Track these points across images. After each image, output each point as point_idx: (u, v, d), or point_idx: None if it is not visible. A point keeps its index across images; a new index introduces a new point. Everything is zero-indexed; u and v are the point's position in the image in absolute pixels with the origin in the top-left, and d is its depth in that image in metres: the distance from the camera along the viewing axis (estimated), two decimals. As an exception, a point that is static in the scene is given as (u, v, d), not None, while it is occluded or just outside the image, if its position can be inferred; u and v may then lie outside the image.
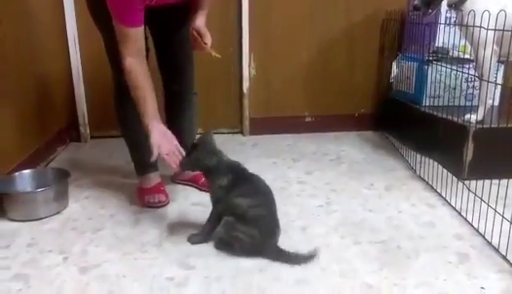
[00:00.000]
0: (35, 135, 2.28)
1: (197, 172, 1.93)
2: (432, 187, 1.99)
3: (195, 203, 1.88)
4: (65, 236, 1.64)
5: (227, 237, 1.48)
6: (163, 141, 1.57)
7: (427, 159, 2.14)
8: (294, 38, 2.70)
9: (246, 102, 2.73)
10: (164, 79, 1.94)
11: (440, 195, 1.92)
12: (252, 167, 1.58)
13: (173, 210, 1.83)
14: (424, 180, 2.06)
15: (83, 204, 1.89)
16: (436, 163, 2.10)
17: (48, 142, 2.39)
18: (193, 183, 2.02)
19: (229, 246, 1.49)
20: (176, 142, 1.60)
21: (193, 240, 1.57)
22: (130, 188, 1.99)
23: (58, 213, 1.79)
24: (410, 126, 2.45)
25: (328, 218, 1.75)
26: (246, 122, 2.75)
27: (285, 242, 1.53)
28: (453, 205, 1.81)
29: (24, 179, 1.89)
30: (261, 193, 1.49)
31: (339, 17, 2.70)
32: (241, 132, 2.78)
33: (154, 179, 1.92)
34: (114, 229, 1.69)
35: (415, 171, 2.17)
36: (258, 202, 1.46)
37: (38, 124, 2.31)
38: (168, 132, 1.62)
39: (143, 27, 1.60)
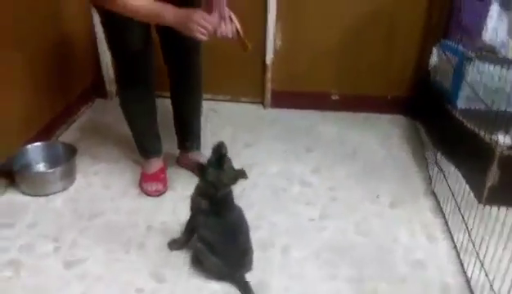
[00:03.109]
0: (60, 96, 2.36)
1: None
2: (441, 210, 1.86)
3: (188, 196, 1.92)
4: (63, 220, 1.76)
5: (197, 259, 1.52)
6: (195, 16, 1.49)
7: (450, 168, 1.98)
8: (327, 10, 2.45)
9: (269, 74, 2.59)
10: (169, 69, 1.88)
11: (446, 223, 1.79)
12: (261, 154, 1.54)
13: (170, 200, 1.88)
14: (437, 199, 1.93)
15: (89, 181, 1.99)
16: (457, 176, 1.94)
17: (73, 101, 2.47)
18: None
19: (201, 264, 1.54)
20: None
21: (172, 247, 1.62)
22: (139, 164, 2.04)
23: (64, 190, 1.92)
24: (440, 125, 2.23)
25: (315, 237, 1.72)
26: (268, 95, 2.65)
27: (259, 264, 1.55)
28: (455, 241, 1.69)
29: (36, 152, 2.01)
30: (230, 232, 1.47)
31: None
32: (262, 104, 2.70)
33: (155, 164, 1.97)
34: (109, 217, 1.78)
35: (430, 182, 2.03)
36: (226, 240, 1.46)
37: (62, 84, 2.38)
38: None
39: None
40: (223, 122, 2.52)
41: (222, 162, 1.42)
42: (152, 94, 1.89)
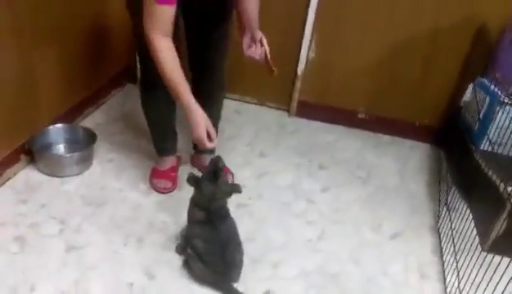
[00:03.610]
0: (93, 77, 2.46)
1: None
2: (441, 249, 1.82)
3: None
4: (72, 204, 1.85)
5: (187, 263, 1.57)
6: (201, 126, 1.54)
7: (461, 205, 1.93)
8: (365, 29, 2.42)
9: (298, 84, 2.59)
10: (193, 76, 1.91)
11: (443, 265, 1.76)
12: (274, 164, 1.59)
13: (176, 199, 1.93)
14: (439, 238, 1.88)
15: (103, 168, 2.08)
16: (468, 216, 1.88)
17: (105, 84, 2.57)
18: (206, 172, 2.09)
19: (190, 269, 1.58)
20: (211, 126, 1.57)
21: (177, 250, 1.67)
22: (154, 158, 2.09)
23: (80, 174, 2.02)
24: (461, 161, 2.17)
25: (308, 259, 1.72)
26: (294, 104, 2.65)
27: (246, 276, 1.58)
28: (446, 283, 1.65)
29: (57, 134, 2.11)
30: (221, 244, 1.49)
31: (423, 19, 2.31)
32: (288, 112, 2.70)
33: (168, 162, 2.02)
34: (115, 207, 1.86)
35: (438, 219, 1.98)
36: (215, 251, 1.49)
37: (96, 66, 2.48)
38: (205, 116, 1.57)
39: (174, 8, 1.46)
40: (244, 125, 2.54)
41: (218, 176, 1.45)
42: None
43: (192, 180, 1.51)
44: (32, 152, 1.98)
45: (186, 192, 1.96)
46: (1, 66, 1.79)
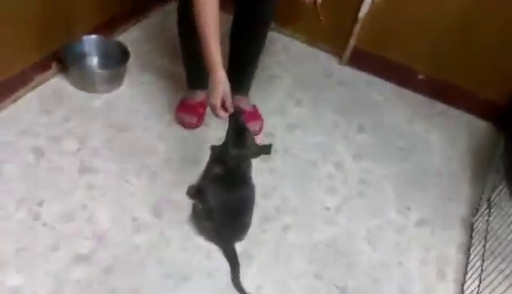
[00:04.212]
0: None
1: (248, 109, 1.90)
2: (469, 248, 1.66)
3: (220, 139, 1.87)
4: (95, 123, 1.81)
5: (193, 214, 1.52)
6: (217, 90, 1.44)
7: (507, 205, 1.73)
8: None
9: (357, 29, 2.31)
10: (236, 9, 1.73)
11: (466, 265, 1.60)
12: (309, 117, 1.81)
13: (199, 137, 1.85)
14: (471, 235, 1.71)
15: (133, 91, 2.00)
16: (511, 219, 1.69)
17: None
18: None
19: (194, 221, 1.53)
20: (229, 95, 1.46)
21: (189, 191, 1.61)
22: (185, 88, 1.99)
23: (108, 92, 1.95)
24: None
25: (320, 229, 1.62)
26: (348, 51, 2.38)
27: (252, 235, 1.52)
28: (464, 290, 1.52)
29: (91, 45, 2.01)
30: (234, 209, 1.42)
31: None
32: (340, 58, 2.45)
33: (198, 96, 1.91)
34: (136, 134, 1.80)
35: (476, 213, 1.79)
36: (226, 214, 1.42)
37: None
38: (226, 82, 1.46)
39: None
40: (288, 66, 2.34)
41: (244, 138, 1.33)
42: None
43: (215, 151, 1.40)
44: (63, 61, 1.92)
45: (212, 130, 1.89)
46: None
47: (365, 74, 2.40)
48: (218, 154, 1.42)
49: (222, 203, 1.40)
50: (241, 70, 1.91)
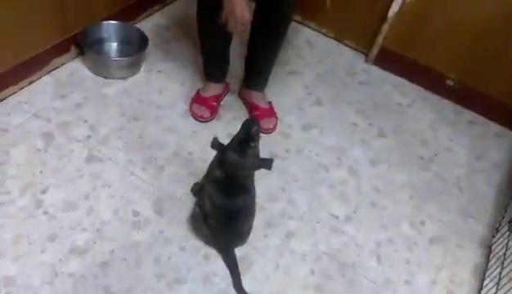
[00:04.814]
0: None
1: (263, 106, 1.88)
2: (485, 272, 1.57)
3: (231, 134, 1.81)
4: (107, 111, 1.79)
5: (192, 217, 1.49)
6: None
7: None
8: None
9: (386, 28, 2.19)
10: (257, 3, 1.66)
11: (479, 290, 1.51)
12: (328, 117, 1.78)
13: (211, 132, 1.79)
14: (488, 257, 1.61)
15: (149, 78, 1.97)
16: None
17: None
18: (250, 109, 1.91)
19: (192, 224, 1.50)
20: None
21: (193, 189, 1.58)
22: (202, 79, 1.95)
23: (124, 78, 1.93)
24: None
25: (325, 238, 1.56)
26: (375, 50, 2.27)
27: (254, 239, 1.48)
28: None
29: (110, 31, 1.99)
30: (231, 215, 1.36)
31: None
32: (366, 56, 2.34)
33: (212, 89, 1.87)
34: (147, 125, 1.78)
35: (496, 233, 1.68)
36: (222, 220, 1.37)
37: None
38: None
39: None
40: (311, 61, 2.26)
41: (246, 147, 1.26)
42: None
43: (216, 145, 1.33)
44: (81, 45, 1.91)
45: (224, 126, 1.85)
46: None
47: (390, 75, 2.29)
48: (220, 157, 1.36)
49: (218, 208, 1.35)
50: (259, 65, 1.86)
